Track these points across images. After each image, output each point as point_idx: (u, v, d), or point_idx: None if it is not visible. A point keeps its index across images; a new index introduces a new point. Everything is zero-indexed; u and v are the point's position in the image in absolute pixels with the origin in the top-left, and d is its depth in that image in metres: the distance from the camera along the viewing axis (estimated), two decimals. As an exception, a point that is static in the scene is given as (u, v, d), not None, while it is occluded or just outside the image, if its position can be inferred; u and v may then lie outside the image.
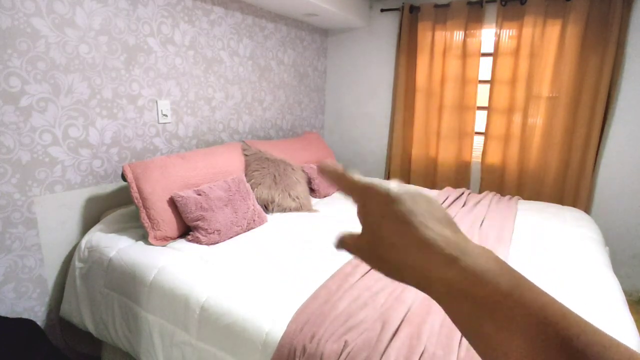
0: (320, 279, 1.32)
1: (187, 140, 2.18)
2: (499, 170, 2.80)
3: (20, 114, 1.46)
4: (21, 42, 1.42)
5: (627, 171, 2.45)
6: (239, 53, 2.45)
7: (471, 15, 2.68)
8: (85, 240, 1.61)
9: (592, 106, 2.42)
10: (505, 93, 2.67)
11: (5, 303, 1.52)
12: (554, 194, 2.63)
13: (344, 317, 1.10)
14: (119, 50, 1.75)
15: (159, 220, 1.58)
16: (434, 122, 2.96)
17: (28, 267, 1.57)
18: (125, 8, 1.75)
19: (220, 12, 2.26)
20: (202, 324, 1.22)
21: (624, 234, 2.52)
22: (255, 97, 2.65)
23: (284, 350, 1.04)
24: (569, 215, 2.09)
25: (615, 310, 1.22)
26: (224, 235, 1.65)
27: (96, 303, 1.53)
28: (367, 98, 3.30)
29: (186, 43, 2.08)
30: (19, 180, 1.49)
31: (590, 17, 2.33)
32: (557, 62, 2.47)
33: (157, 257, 1.47)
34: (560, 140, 2.54)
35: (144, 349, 1.38)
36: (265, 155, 2.21)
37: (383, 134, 3.28)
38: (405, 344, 1.00)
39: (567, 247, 1.67)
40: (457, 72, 2.79)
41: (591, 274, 1.44)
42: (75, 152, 1.66)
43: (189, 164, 1.79)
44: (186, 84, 2.12)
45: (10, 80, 1.41)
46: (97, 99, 1.70)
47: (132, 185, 1.59)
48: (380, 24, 3.11)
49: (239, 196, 1.80)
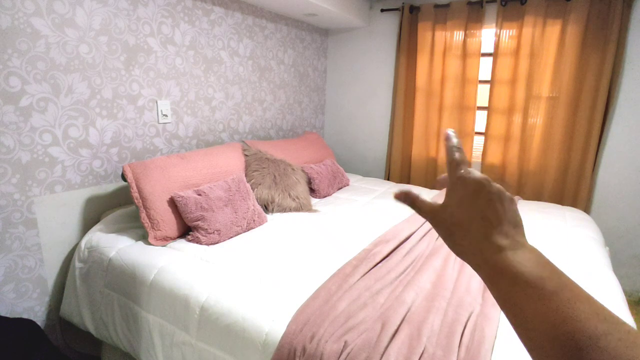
0: (320, 279, 1.32)
1: (187, 141, 2.18)
2: (499, 170, 2.80)
3: (20, 114, 1.46)
4: (21, 42, 1.42)
5: (627, 171, 2.45)
6: (239, 53, 2.45)
7: (471, 15, 2.68)
8: (85, 240, 1.61)
9: (592, 106, 2.42)
10: (505, 93, 2.67)
11: (5, 303, 1.52)
12: (554, 194, 2.63)
13: (343, 317, 1.10)
14: (119, 50, 1.75)
15: (159, 220, 1.58)
16: (434, 122, 2.96)
17: (28, 267, 1.57)
18: (125, 8, 1.75)
19: (221, 12, 2.26)
20: (202, 324, 1.22)
21: (624, 234, 2.52)
22: (256, 97, 2.65)
23: (284, 350, 1.04)
24: (569, 215, 2.09)
25: (615, 310, 1.22)
26: (224, 235, 1.65)
27: (96, 303, 1.53)
28: (367, 98, 3.30)
29: (186, 43, 2.08)
30: (19, 180, 1.49)
31: (590, 17, 2.33)
32: (557, 62, 2.47)
33: (157, 257, 1.47)
34: (560, 141, 2.54)
35: (144, 349, 1.38)
36: (265, 156, 2.21)
37: (383, 133, 3.28)
38: (405, 344, 1.00)
39: (567, 247, 1.67)
40: (457, 72, 2.79)
41: (591, 274, 1.44)
42: (75, 152, 1.66)
43: (189, 164, 1.79)
44: (186, 84, 2.12)
45: (10, 80, 1.41)
46: (97, 99, 1.70)
47: (132, 185, 1.59)
48: (380, 24, 3.11)
49: (239, 196, 1.80)
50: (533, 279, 0.30)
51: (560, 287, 0.29)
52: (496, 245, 0.33)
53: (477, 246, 0.34)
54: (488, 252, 0.34)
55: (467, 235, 0.35)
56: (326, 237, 1.72)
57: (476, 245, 0.35)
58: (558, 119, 2.52)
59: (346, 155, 3.51)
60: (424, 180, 3.07)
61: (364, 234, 1.73)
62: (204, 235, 1.60)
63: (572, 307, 0.28)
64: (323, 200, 2.37)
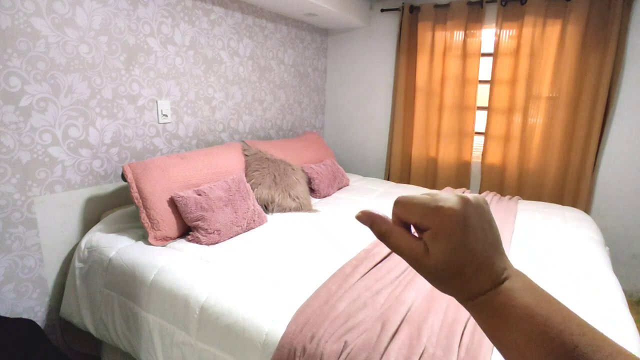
0: (320, 279, 1.32)
1: (187, 140, 2.18)
2: (499, 170, 2.80)
3: (20, 114, 1.46)
4: (21, 42, 1.42)
5: (627, 171, 2.45)
6: (239, 53, 2.45)
7: (471, 15, 2.68)
8: (85, 241, 1.61)
9: (592, 106, 2.42)
10: (505, 93, 2.67)
11: (5, 303, 1.52)
12: (554, 194, 2.63)
13: (343, 317, 1.10)
14: (119, 50, 1.75)
15: (159, 220, 1.58)
16: (434, 122, 2.96)
17: (28, 267, 1.57)
18: (125, 8, 1.75)
19: (221, 12, 2.26)
20: (202, 324, 1.22)
21: (624, 234, 2.52)
22: (256, 97, 2.65)
23: (284, 350, 1.04)
24: (569, 215, 2.09)
25: (615, 310, 1.22)
26: (224, 235, 1.65)
27: (96, 303, 1.53)
28: (367, 98, 3.30)
29: (186, 43, 2.08)
30: (19, 180, 1.49)
31: (590, 17, 2.33)
32: (557, 62, 2.47)
33: (157, 257, 1.46)
34: (560, 140, 2.54)
35: (144, 349, 1.38)
36: (265, 155, 2.21)
37: (383, 134, 3.28)
38: (405, 344, 1.00)
39: (567, 247, 1.67)
40: (457, 72, 2.79)
41: (591, 274, 1.44)
42: (75, 152, 1.66)
43: (189, 164, 1.79)
44: (186, 84, 2.12)
45: (10, 80, 1.41)
46: (97, 99, 1.70)
47: (132, 185, 1.59)
48: (380, 24, 3.11)
49: (239, 196, 1.80)
50: (530, 310, 0.29)
51: (553, 314, 0.29)
52: (490, 280, 0.31)
53: (468, 285, 0.32)
54: (482, 287, 0.31)
55: (457, 276, 0.32)
56: (326, 237, 1.72)
57: (467, 285, 0.32)
58: (558, 119, 2.52)
59: (346, 155, 3.51)
60: (424, 180, 3.07)
61: (364, 234, 1.73)
62: (204, 235, 1.60)
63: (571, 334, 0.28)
64: (323, 200, 2.37)
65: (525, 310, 0.29)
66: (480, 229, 0.32)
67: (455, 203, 0.32)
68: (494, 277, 0.31)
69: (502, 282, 0.31)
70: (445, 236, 0.31)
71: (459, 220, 0.31)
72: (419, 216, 0.33)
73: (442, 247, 0.31)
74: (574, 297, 1.28)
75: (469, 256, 0.31)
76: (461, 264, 0.31)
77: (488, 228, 0.32)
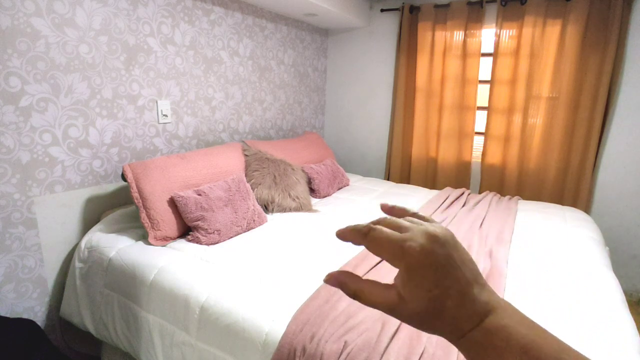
0: (320, 279, 1.32)
1: (187, 141, 2.18)
2: (499, 170, 2.80)
3: (20, 114, 1.46)
4: (21, 42, 1.42)
5: (627, 171, 2.45)
6: (239, 53, 2.45)
7: (471, 16, 2.68)
8: (85, 241, 1.61)
9: (592, 106, 2.42)
10: (505, 93, 2.67)
11: (5, 303, 1.52)
12: (554, 194, 2.63)
13: (343, 317, 1.10)
14: (119, 50, 1.75)
15: (159, 220, 1.58)
16: (434, 122, 2.96)
17: (28, 267, 1.57)
18: (125, 8, 1.75)
19: (220, 12, 2.26)
20: (202, 324, 1.22)
21: (624, 234, 2.52)
22: (256, 97, 2.65)
23: (284, 350, 1.04)
24: (569, 215, 2.09)
25: (615, 310, 1.22)
26: (224, 235, 1.65)
27: (96, 303, 1.53)
28: (367, 98, 3.30)
29: (186, 43, 2.08)
30: (19, 180, 1.49)
31: (590, 17, 2.33)
32: (557, 62, 2.47)
33: (157, 257, 1.46)
34: (560, 141, 2.54)
35: (144, 349, 1.38)
36: (265, 156, 2.21)
37: (383, 134, 3.28)
38: (405, 344, 1.00)
39: (567, 247, 1.67)
40: (457, 72, 2.79)
41: (591, 274, 1.44)
42: (75, 152, 1.66)
43: (189, 164, 1.79)
44: (186, 84, 2.12)
45: (10, 80, 1.41)
46: (97, 99, 1.70)
47: (132, 185, 1.59)
48: (380, 24, 3.11)
49: (239, 196, 1.80)
50: (522, 345, 0.28)
51: (546, 347, 0.28)
52: (476, 316, 0.30)
53: (454, 324, 0.30)
54: (467, 325, 0.30)
55: (437, 317, 0.30)
56: (326, 237, 1.72)
57: (452, 324, 0.30)
58: (558, 119, 2.52)
59: (346, 155, 3.51)
60: (424, 180, 3.07)
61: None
62: (204, 235, 1.61)
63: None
64: (323, 200, 2.37)
65: (516, 345, 0.28)
66: (451, 265, 0.30)
67: (422, 243, 0.30)
68: (479, 312, 0.30)
69: (487, 315, 0.30)
70: (416, 279, 0.30)
71: (428, 260, 0.30)
72: (387, 255, 0.32)
73: (415, 292, 0.30)
74: (574, 297, 1.28)
75: (444, 296, 0.30)
76: (439, 305, 0.30)
77: (461, 262, 0.31)
